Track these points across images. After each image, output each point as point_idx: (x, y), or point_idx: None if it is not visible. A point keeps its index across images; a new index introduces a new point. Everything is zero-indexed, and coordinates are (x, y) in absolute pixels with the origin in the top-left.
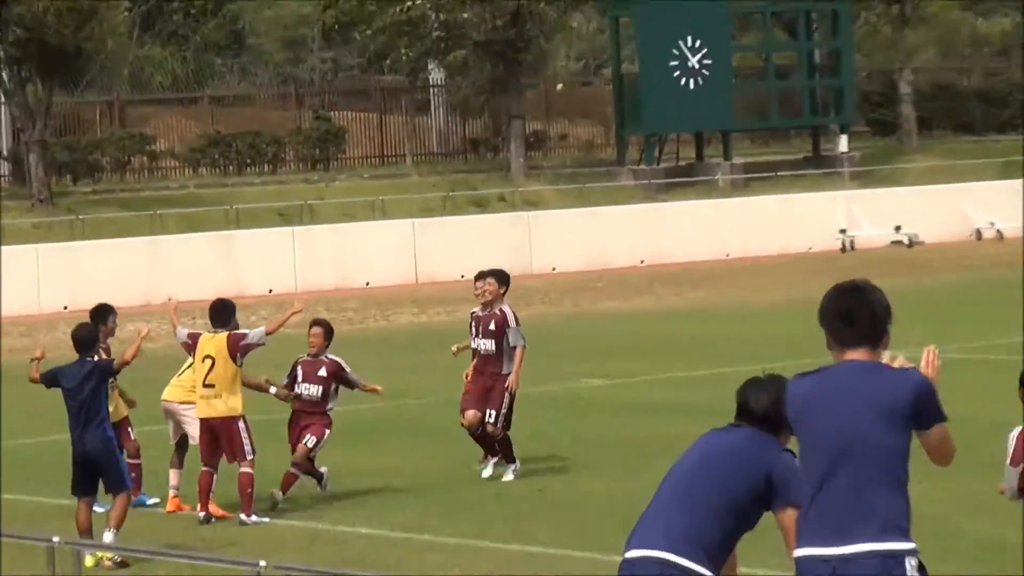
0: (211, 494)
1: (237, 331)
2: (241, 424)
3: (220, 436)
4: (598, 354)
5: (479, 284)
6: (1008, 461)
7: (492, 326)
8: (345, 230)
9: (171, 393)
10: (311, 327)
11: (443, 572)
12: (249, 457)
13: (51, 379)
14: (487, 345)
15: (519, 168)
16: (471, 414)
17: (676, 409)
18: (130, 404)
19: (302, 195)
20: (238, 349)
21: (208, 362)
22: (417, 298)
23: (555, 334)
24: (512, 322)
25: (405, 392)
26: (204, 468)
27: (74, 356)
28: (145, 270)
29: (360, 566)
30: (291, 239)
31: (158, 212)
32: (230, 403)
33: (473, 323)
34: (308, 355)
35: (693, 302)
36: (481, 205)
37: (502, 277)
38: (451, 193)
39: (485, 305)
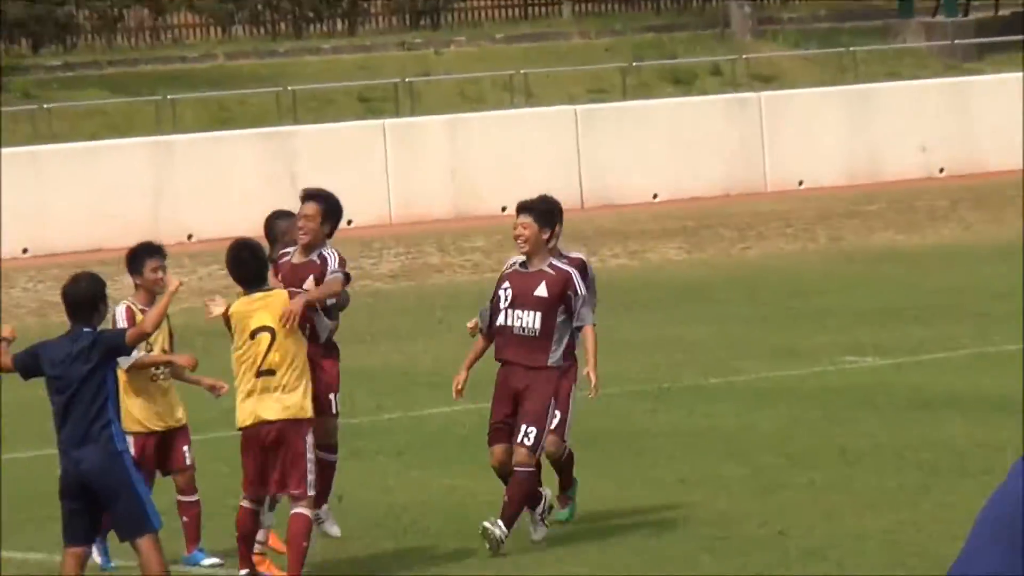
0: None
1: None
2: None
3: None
4: (869, 317)
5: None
6: None
7: (542, 290)
8: (466, 125)
9: None
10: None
11: None
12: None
13: (29, 363)
14: (528, 321)
15: (744, 23)
16: (501, 451)
17: (996, 404)
18: (187, 374)
19: (397, 69)
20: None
21: (266, 337)
22: (584, 232)
23: (799, 284)
24: (580, 287)
25: None
26: (245, 504)
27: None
28: (148, 190)
29: None
30: (380, 139)
31: (168, 97)
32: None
33: (506, 286)
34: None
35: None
36: (683, 82)
37: (546, 213)
38: (635, 64)
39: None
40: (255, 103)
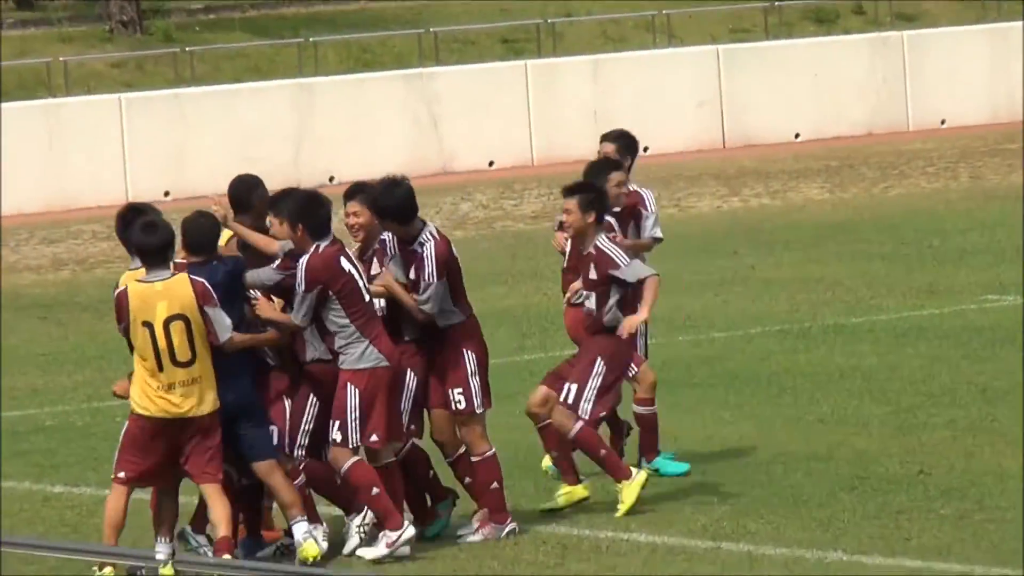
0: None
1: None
2: None
3: None
4: (1011, 256)
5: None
6: None
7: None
8: (608, 65)
9: None
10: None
11: None
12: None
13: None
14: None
15: None
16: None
17: None
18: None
19: (539, 10)
20: None
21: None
22: (724, 172)
23: (941, 223)
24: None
25: (703, 319)
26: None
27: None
28: (289, 133)
29: None
30: (522, 80)
31: (310, 39)
32: None
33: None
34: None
35: None
36: (826, 22)
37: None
38: (777, 3)
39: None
40: (397, 45)
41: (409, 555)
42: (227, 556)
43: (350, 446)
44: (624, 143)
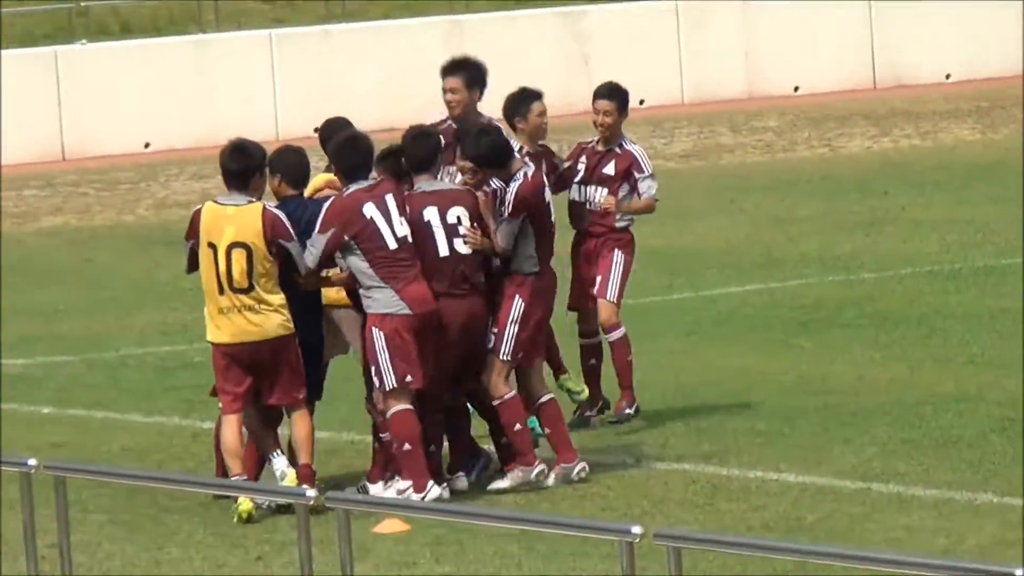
0: None
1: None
2: None
3: None
4: None
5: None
6: None
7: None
8: (758, 5)
9: None
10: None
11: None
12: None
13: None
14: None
15: None
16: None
17: None
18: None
19: None
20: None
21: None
22: (874, 112)
23: None
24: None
25: (853, 260)
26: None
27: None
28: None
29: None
30: (672, 19)
31: None
32: None
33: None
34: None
35: None
36: None
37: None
38: None
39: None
40: None
41: (551, 486)
42: (305, 486)
43: (387, 388)
44: (619, 100)
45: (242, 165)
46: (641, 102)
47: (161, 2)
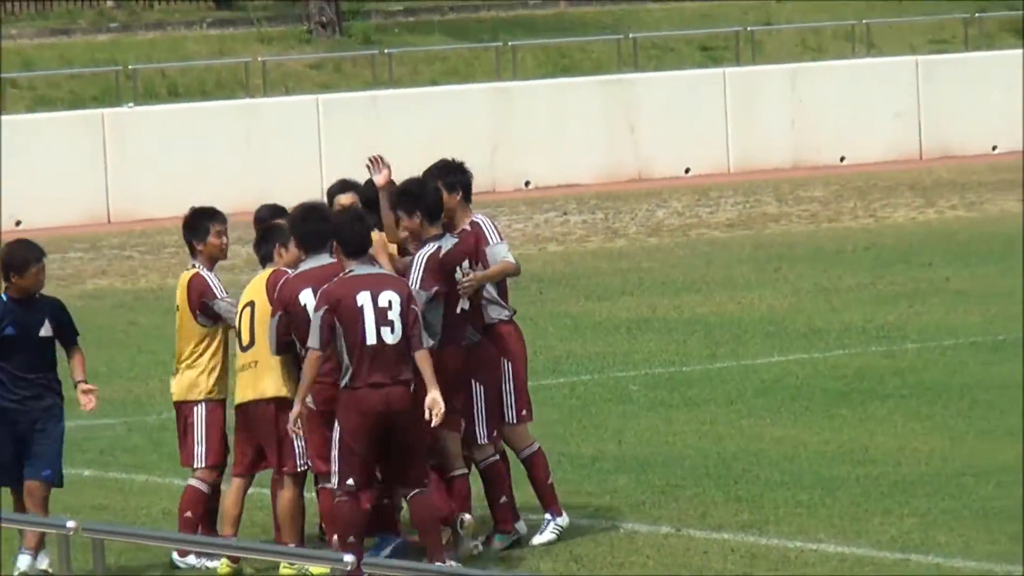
0: None
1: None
2: None
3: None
4: None
5: None
6: None
7: None
8: (807, 74)
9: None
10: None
11: None
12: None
13: None
14: None
15: None
16: None
17: None
18: None
19: (739, 17)
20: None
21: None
22: (920, 183)
23: None
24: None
25: (896, 330)
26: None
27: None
28: (486, 136)
29: None
30: (720, 87)
31: (508, 43)
32: None
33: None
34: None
35: None
36: None
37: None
38: (978, 15)
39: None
40: (596, 50)
41: (592, 554)
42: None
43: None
44: (452, 179)
45: (264, 238)
46: (687, 171)
47: (209, 65)
